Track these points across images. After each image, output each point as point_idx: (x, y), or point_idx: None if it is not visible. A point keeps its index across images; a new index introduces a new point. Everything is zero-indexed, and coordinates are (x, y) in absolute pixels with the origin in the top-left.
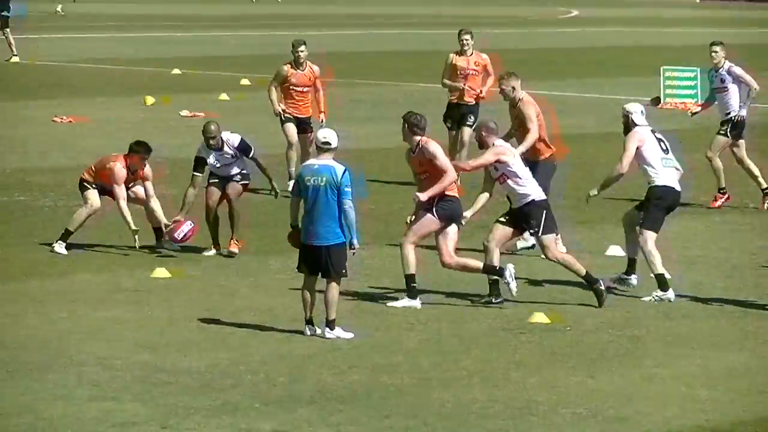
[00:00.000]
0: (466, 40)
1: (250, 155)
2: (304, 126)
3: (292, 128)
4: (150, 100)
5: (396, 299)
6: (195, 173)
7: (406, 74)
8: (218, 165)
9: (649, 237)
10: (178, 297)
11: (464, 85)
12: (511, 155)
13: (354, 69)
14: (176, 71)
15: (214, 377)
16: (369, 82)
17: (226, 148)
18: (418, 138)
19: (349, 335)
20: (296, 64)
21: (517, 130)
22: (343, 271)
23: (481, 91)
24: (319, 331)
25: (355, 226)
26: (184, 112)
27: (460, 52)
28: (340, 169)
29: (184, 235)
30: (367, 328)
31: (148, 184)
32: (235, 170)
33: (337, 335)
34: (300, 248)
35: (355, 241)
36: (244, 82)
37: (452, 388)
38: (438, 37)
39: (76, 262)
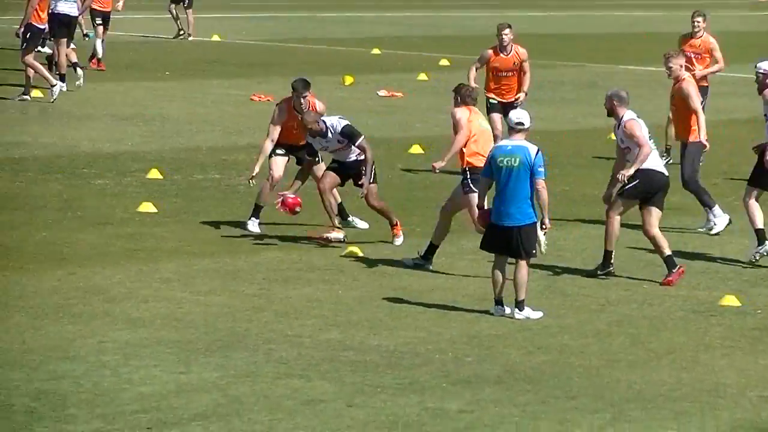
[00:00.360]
0: (698, 22)
1: (357, 143)
2: (509, 111)
3: (497, 119)
4: (349, 79)
5: (587, 278)
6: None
7: (605, 55)
8: (328, 149)
9: None
10: (368, 276)
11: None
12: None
13: (554, 50)
14: (376, 51)
15: (402, 356)
16: (567, 64)
17: (329, 135)
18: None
19: (539, 314)
20: (500, 47)
21: (674, 106)
22: (533, 251)
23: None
24: (508, 311)
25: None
26: (382, 92)
27: (691, 35)
28: (533, 149)
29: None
30: (558, 308)
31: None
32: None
33: (527, 315)
34: (488, 228)
35: (546, 221)
36: (443, 62)
37: (640, 369)
38: (638, 20)
39: (267, 239)
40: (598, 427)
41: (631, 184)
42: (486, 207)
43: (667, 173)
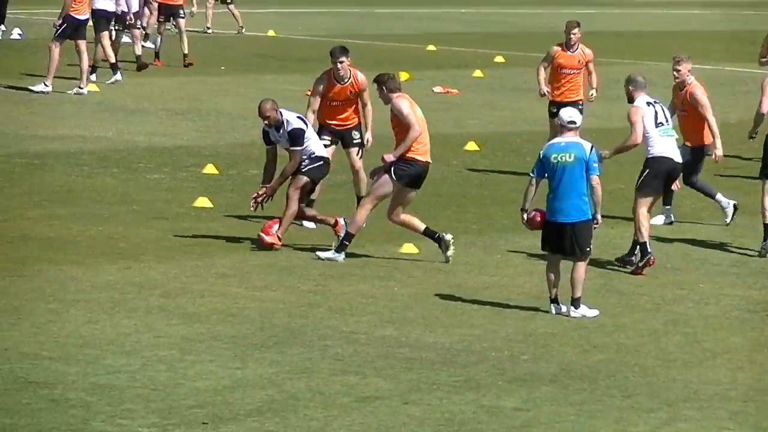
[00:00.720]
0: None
1: (294, 149)
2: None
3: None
4: (404, 75)
5: (643, 277)
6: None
7: (659, 53)
8: (279, 143)
9: None
10: (423, 273)
11: None
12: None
13: (607, 47)
14: (431, 47)
15: (458, 353)
16: (621, 61)
17: (282, 130)
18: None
19: (594, 312)
20: (567, 45)
21: (683, 111)
22: (588, 249)
23: None
24: (564, 309)
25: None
26: (437, 89)
27: None
28: (587, 145)
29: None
30: (613, 307)
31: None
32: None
33: (582, 314)
34: (544, 226)
35: (598, 217)
36: (499, 59)
37: (696, 369)
38: (691, 18)
39: (324, 235)
40: (654, 426)
41: (641, 177)
42: (533, 211)
43: (678, 159)
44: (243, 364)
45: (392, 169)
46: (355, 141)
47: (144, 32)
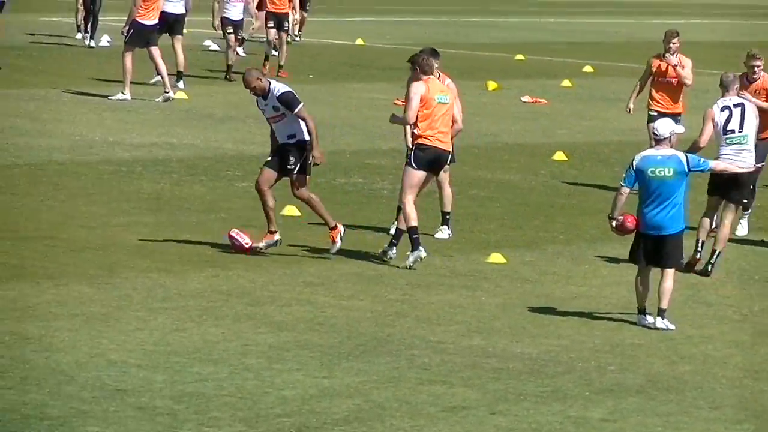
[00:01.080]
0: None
1: (296, 110)
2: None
3: None
4: (492, 85)
5: (730, 288)
6: None
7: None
8: (264, 113)
9: None
10: (511, 282)
11: None
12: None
13: (696, 58)
14: (520, 57)
15: (545, 363)
16: (711, 72)
17: (269, 97)
18: None
19: (673, 326)
20: (665, 55)
21: None
22: (680, 260)
23: None
24: (649, 320)
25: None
26: (526, 98)
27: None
28: (682, 156)
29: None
30: (701, 318)
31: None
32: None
33: (666, 325)
34: (636, 237)
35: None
36: (587, 69)
37: None
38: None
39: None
40: None
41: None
42: (623, 216)
43: (739, 169)
44: (330, 373)
45: (410, 156)
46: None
47: (242, 39)
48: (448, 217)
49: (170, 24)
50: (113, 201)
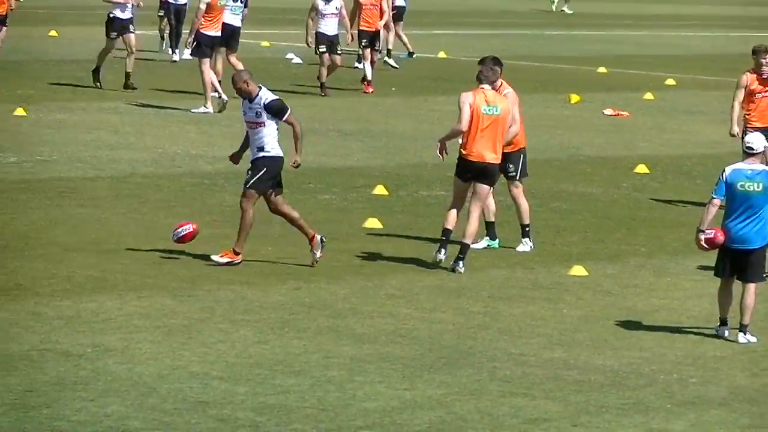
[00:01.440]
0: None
1: (284, 117)
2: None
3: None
4: (575, 98)
5: None
6: None
7: None
8: (245, 116)
9: None
10: (593, 295)
11: None
12: None
13: None
14: (602, 69)
15: (627, 376)
16: None
17: (255, 102)
18: None
19: (755, 339)
20: (758, 70)
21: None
22: (763, 275)
23: None
24: (728, 333)
25: None
26: (608, 111)
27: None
28: None
29: (181, 237)
30: None
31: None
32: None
33: (748, 339)
34: (721, 251)
35: None
36: (669, 82)
37: None
38: None
39: (492, 257)
40: None
41: None
42: (710, 229)
43: None
44: (412, 385)
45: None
46: (510, 173)
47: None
48: (527, 229)
49: (227, 37)
50: (195, 213)
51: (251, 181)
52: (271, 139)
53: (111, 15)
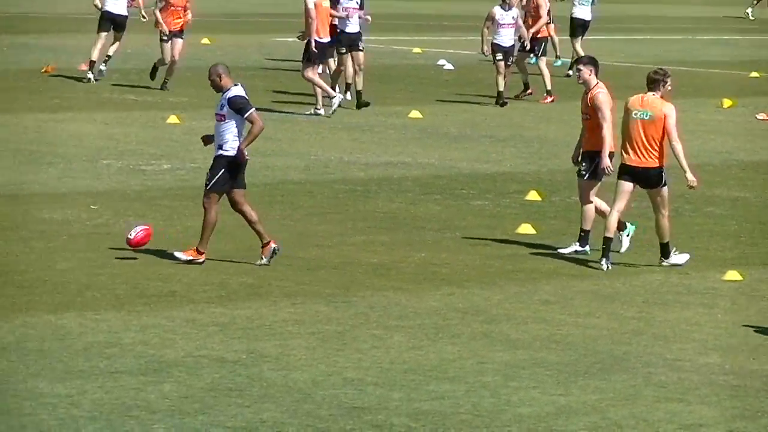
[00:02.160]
0: None
1: (246, 115)
2: None
3: None
4: (728, 102)
5: None
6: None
7: None
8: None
9: None
10: (748, 300)
11: None
12: None
13: None
14: (755, 74)
15: None
16: None
17: (222, 96)
18: None
19: None
20: None
21: None
22: None
23: None
24: None
25: None
26: (761, 116)
27: None
28: None
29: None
30: None
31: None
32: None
33: None
34: None
35: None
36: None
37: None
38: None
39: (646, 262)
40: None
41: None
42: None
43: None
44: (566, 390)
45: None
46: (580, 172)
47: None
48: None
49: (349, 43)
50: (349, 220)
51: (210, 184)
52: (231, 136)
53: (339, 29)
